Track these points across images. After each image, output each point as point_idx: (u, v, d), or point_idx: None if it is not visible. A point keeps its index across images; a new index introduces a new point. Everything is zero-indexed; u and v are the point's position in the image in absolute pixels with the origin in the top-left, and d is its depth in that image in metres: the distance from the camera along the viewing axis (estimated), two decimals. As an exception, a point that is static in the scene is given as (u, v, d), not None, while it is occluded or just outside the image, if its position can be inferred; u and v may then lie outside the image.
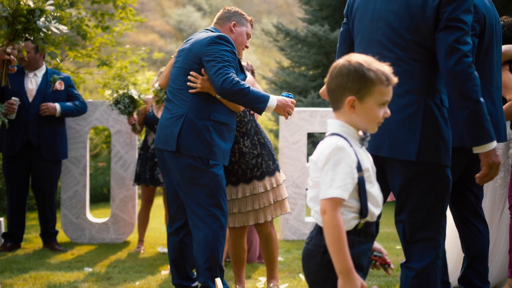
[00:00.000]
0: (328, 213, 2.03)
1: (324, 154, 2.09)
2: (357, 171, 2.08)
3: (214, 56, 3.66)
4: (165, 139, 3.78)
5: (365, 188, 2.11)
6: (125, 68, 9.91)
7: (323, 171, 2.08)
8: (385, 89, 2.10)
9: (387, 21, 2.81)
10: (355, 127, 2.15)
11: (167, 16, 28.43)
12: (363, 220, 2.13)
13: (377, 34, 2.84)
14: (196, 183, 3.72)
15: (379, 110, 2.12)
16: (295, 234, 6.42)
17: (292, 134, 6.41)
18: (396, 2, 2.80)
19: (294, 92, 11.73)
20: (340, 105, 2.15)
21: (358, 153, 2.11)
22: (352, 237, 2.12)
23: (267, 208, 4.10)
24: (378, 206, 2.17)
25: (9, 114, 5.58)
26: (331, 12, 11.74)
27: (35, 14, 3.15)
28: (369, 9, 2.90)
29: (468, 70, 2.65)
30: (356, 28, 2.97)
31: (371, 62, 2.12)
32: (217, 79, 3.58)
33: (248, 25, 4.06)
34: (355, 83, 2.09)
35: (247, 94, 3.58)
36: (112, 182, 6.35)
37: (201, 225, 3.72)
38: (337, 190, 2.03)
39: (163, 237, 6.58)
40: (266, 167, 4.11)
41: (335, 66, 2.16)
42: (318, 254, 2.15)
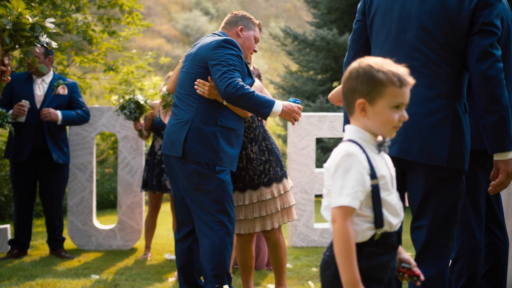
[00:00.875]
0: (338, 222, 1.98)
1: (335, 161, 2.05)
2: (370, 179, 2.03)
3: (219, 60, 3.67)
4: (171, 145, 3.79)
5: (380, 196, 2.05)
6: (132, 73, 9.95)
7: (333, 179, 2.04)
8: (398, 90, 2.03)
9: (420, 21, 2.78)
10: (370, 132, 2.09)
11: (174, 20, 28.51)
12: (380, 231, 2.06)
13: (408, 34, 2.81)
14: (203, 189, 3.72)
15: (393, 113, 2.05)
16: (304, 240, 6.42)
17: (300, 139, 6.42)
18: (429, 3, 2.77)
19: (302, 97, 11.73)
20: (353, 109, 2.10)
21: (372, 160, 2.06)
22: (369, 249, 2.06)
23: (274, 215, 4.09)
24: (397, 215, 2.10)
25: (19, 117, 5.62)
26: (340, 16, 11.74)
27: (36, 30, 3.18)
28: (396, 7, 2.86)
29: (500, 75, 2.67)
30: (378, 25, 2.93)
31: (383, 63, 2.06)
32: (221, 83, 3.59)
33: (256, 29, 4.07)
34: (364, 85, 2.04)
35: (251, 99, 3.58)
36: (119, 188, 6.37)
37: (207, 231, 3.72)
38: (346, 198, 1.98)
39: (170, 244, 6.59)
40: (274, 173, 4.11)
41: (347, 70, 2.13)
42: (332, 265, 2.08)
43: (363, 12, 3.04)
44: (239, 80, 3.59)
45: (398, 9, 2.86)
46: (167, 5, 29.92)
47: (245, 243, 4.24)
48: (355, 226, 2.03)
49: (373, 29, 2.97)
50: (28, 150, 5.75)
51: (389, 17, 2.89)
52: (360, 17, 3.06)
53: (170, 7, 29.81)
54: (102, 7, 8.94)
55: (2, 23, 3.10)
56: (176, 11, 29.43)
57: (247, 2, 30.97)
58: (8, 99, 5.78)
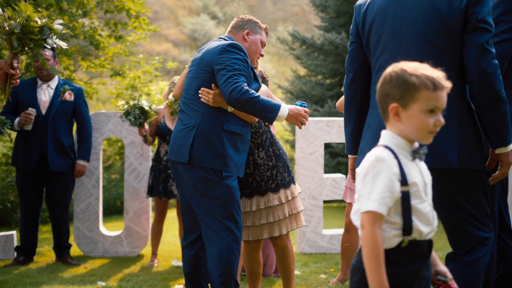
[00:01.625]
0: (366, 227, 1.98)
1: (365, 166, 2.05)
2: (400, 185, 2.02)
3: (224, 64, 3.67)
4: (177, 151, 3.80)
5: (410, 203, 2.04)
6: (139, 78, 9.99)
7: (363, 184, 2.04)
8: (432, 94, 2.02)
9: (414, 29, 2.81)
10: (405, 138, 2.08)
11: (181, 25, 28.59)
12: (408, 238, 2.05)
13: (404, 44, 2.84)
14: (209, 195, 3.73)
15: (428, 118, 2.04)
16: (312, 247, 6.41)
17: (308, 144, 6.41)
18: (420, 9, 2.80)
19: (310, 101, 11.72)
20: (387, 115, 2.10)
21: (404, 166, 2.05)
22: (396, 256, 2.05)
23: (282, 221, 4.09)
24: (428, 223, 2.08)
25: (26, 125, 5.65)
26: (348, 20, 11.73)
27: (45, 32, 3.20)
28: (388, 20, 2.90)
29: (498, 71, 2.71)
30: (373, 42, 2.97)
31: (417, 67, 2.06)
32: (226, 88, 3.59)
33: (263, 33, 4.08)
34: (396, 90, 2.05)
35: (256, 103, 3.58)
36: (126, 194, 6.39)
37: (214, 238, 3.72)
38: (374, 203, 1.98)
39: (177, 250, 6.59)
40: (281, 179, 4.11)
41: (381, 76, 2.13)
42: (359, 271, 2.09)
43: (357, 34, 3.09)
44: (244, 85, 3.60)
45: (390, 21, 2.90)
46: (174, 9, 30.01)
47: (253, 249, 4.24)
48: (382, 232, 2.03)
49: (369, 46, 3.01)
50: (35, 157, 5.77)
51: (383, 31, 2.92)
52: (354, 39, 3.11)
53: (177, 12, 29.90)
54: (109, 11, 8.98)
55: (11, 26, 3.12)
56: (183, 16, 29.51)
57: (254, 6, 31.03)
58: (13, 106, 5.81)
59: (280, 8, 32.14)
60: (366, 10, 3.02)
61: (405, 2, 2.86)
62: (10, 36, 3.15)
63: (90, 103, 17.97)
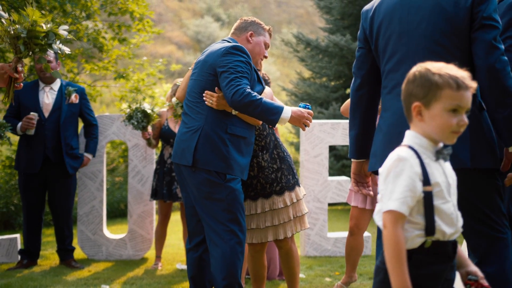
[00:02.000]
0: (388, 227, 1.99)
1: (387, 166, 2.06)
2: (422, 185, 2.03)
3: (227, 67, 3.68)
4: (181, 154, 3.80)
5: (432, 203, 2.04)
6: (142, 81, 10.00)
7: (385, 183, 2.05)
8: (455, 93, 2.02)
9: (420, 30, 2.83)
10: (429, 138, 2.09)
11: (185, 27, 28.64)
12: (431, 239, 2.05)
13: (411, 45, 2.85)
14: (213, 198, 3.73)
15: (450, 118, 2.04)
16: (317, 250, 6.40)
17: (313, 147, 6.41)
18: (426, 9, 2.81)
19: (315, 103, 11.72)
20: (410, 114, 2.11)
21: (427, 166, 2.06)
22: (418, 256, 2.06)
23: (286, 223, 4.09)
24: (452, 224, 2.08)
25: (28, 130, 5.66)
26: (353, 21, 11.74)
27: (50, 37, 3.23)
28: (395, 23, 2.91)
29: (507, 67, 2.71)
30: (382, 46, 2.99)
31: (442, 67, 2.06)
32: (228, 91, 3.60)
33: (266, 35, 4.09)
34: (419, 89, 2.06)
35: (259, 106, 3.58)
36: (129, 197, 6.40)
37: (218, 241, 3.72)
38: (395, 203, 1.99)
39: (181, 254, 6.60)
40: (286, 181, 4.11)
41: (406, 76, 2.15)
42: (382, 271, 2.10)
43: (364, 39, 3.11)
44: (246, 87, 3.60)
45: (397, 24, 2.91)
46: (178, 11, 30.06)
47: (257, 252, 4.24)
48: (405, 233, 2.03)
49: (378, 50, 3.03)
50: (39, 161, 5.78)
51: (390, 34, 2.94)
52: (362, 45, 3.14)
53: (181, 14, 29.95)
54: (112, 14, 9.00)
55: (17, 30, 3.14)
56: (187, 18, 29.55)
57: (259, 8, 31.05)
58: (15, 109, 5.82)
59: (285, 10, 32.17)
60: (373, 14, 3.04)
61: (411, 4, 2.88)
62: (15, 40, 3.17)
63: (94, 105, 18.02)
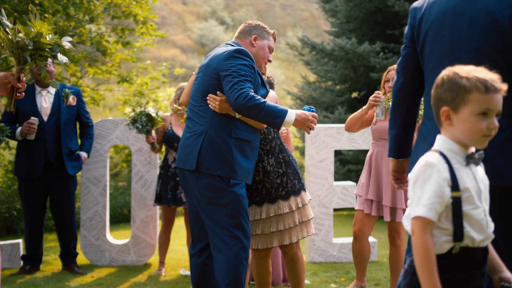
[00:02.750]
0: (416, 233, 2.01)
1: (415, 171, 2.07)
2: (451, 190, 2.03)
3: (230, 71, 3.69)
4: (185, 158, 3.81)
5: (461, 209, 2.04)
6: (146, 85, 10.03)
7: (413, 189, 2.06)
8: (483, 97, 2.01)
9: (472, 42, 2.78)
10: (459, 143, 2.09)
11: (188, 30, 28.69)
12: (460, 244, 2.05)
13: (461, 56, 2.80)
14: (217, 203, 3.74)
15: (480, 121, 2.03)
16: (322, 256, 6.40)
17: (318, 151, 6.41)
18: (480, 22, 2.75)
19: (320, 108, 11.72)
20: (440, 119, 2.12)
21: (457, 171, 2.05)
22: (446, 262, 2.06)
23: (292, 229, 4.09)
24: (481, 231, 2.08)
25: (28, 135, 5.67)
26: (359, 25, 11.74)
27: (54, 49, 3.29)
28: (446, 30, 2.88)
29: None
30: (428, 50, 2.95)
31: (470, 70, 2.06)
32: (231, 95, 3.61)
33: (270, 38, 4.10)
34: (447, 93, 2.06)
35: (262, 109, 3.59)
36: (133, 202, 6.41)
37: (222, 246, 3.72)
38: (422, 209, 2.00)
39: (185, 259, 6.60)
40: (292, 186, 4.11)
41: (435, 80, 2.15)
42: (409, 275, 2.12)
43: (412, 38, 3.07)
44: (250, 91, 3.61)
45: (448, 32, 2.86)
46: (182, 14, 30.13)
47: (262, 258, 4.24)
48: (433, 238, 2.04)
49: (424, 54, 2.99)
50: (41, 166, 5.79)
51: (439, 40, 2.91)
52: (409, 43, 3.09)
53: (185, 17, 30.01)
54: (116, 17, 9.04)
55: (24, 42, 3.19)
56: (191, 21, 29.61)
57: (263, 11, 31.09)
58: (11, 115, 5.81)
59: (290, 13, 32.20)
60: (422, 16, 3.00)
61: (464, 13, 2.83)
62: (20, 51, 3.22)
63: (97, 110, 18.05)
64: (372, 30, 11.46)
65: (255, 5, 31.94)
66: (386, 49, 11.09)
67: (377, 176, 4.71)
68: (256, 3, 32.19)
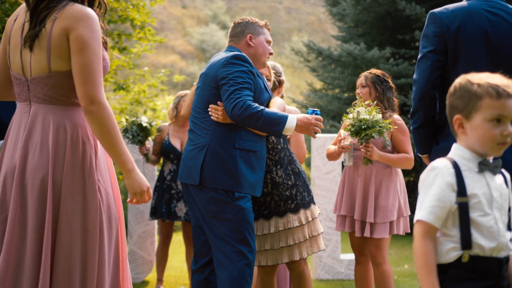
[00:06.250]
0: (416, 237, 2.06)
1: (421, 177, 2.13)
2: (456, 196, 2.06)
3: (227, 79, 3.72)
4: (188, 172, 3.83)
5: (468, 216, 2.06)
6: (144, 92, 10.05)
7: (420, 194, 2.12)
8: (495, 102, 2.04)
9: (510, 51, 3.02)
10: (473, 151, 2.12)
11: (188, 35, 28.77)
12: (469, 253, 2.06)
13: (502, 65, 2.99)
14: (220, 218, 3.75)
15: (493, 128, 2.06)
16: (329, 273, 6.40)
17: (325, 163, 6.42)
18: (510, 25, 2.96)
19: (327, 116, 11.72)
20: (453, 128, 2.15)
21: (465, 177, 2.08)
22: (456, 271, 2.08)
23: (302, 244, 4.08)
24: (492, 239, 2.08)
25: None
26: (368, 29, 11.76)
27: None
28: (480, 41, 3.15)
29: None
30: (462, 63, 3.19)
31: (483, 77, 2.09)
32: (228, 105, 3.64)
33: (265, 31, 4.11)
34: (459, 100, 2.10)
35: (260, 118, 3.60)
36: (130, 216, 6.42)
37: (226, 262, 3.73)
38: (422, 212, 2.05)
39: (184, 276, 6.60)
40: (301, 199, 4.11)
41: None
42: None
43: (441, 50, 3.33)
44: (247, 99, 3.63)
45: (482, 42, 3.10)
46: (182, 18, 30.22)
47: (267, 275, 4.24)
48: (439, 245, 2.08)
49: (457, 65, 3.23)
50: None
51: (475, 57, 3.16)
52: (439, 55, 3.34)
53: (185, 21, 30.10)
54: (112, 22, 9.07)
55: None
56: (191, 25, 29.70)
57: (267, 15, 31.18)
58: None
59: (295, 17, 32.28)
60: (458, 30, 3.26)
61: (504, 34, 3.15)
62: None
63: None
64: (381, 35, 11.47)
65: (258, 9, 32.05)
66: (397, 54, 11.10)
67: (351, 188, 4.57)
68: (259, 6, 32.30)
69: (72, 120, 2.82)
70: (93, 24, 2.76)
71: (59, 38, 2.74)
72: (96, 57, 2.73)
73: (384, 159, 4.35)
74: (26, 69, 2.83)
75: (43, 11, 2.76)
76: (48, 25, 2.75)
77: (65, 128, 2.79)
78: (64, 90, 2.80)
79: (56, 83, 2.79)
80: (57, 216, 2.75)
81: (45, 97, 2.80)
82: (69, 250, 2.74)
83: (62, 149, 2.77)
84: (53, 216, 2.74)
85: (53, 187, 2.74)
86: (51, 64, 2.77)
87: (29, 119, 2.82)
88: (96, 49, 2.74)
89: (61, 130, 2.78)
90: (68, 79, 2.79)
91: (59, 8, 2.77)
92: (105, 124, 2.70)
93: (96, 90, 2.71)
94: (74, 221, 2.76)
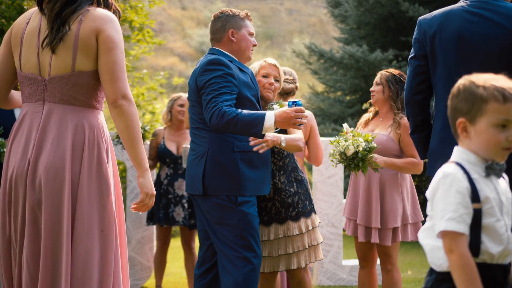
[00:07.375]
0: (455, 251, 1.98)
1: (433, 185, 2.07)
2: (471, 202, 2.02)
3: (204, 87, 3.74)
4: (191, 182, 3.87)
5: (480, 222, 2.03)
6: (142, 96, 10.04)
7: (433, 204, 2.06)
8: (501, 107, 2.01)
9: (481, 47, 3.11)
10: (477, 155, 2.09)
11: (188, 37, 28.79)
12: (476, 260, 2.03)
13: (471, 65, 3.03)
14: (224, 223, 3.77)
15: (498, 133, 2.03)
16: (331, 279, 6.39)
17: (327, 167, 6.41)
18: (493, 24, 3.03)
19: (329, 120, 11.72)
20: (456, 131, 2.12)
21: (476, 182, 2.05)
22: None
23: (301, 252, 4.08)
24: (501, 244, 2.06)
25: None
26: (370, 31, 11.76)
27: None
28: (454, 35, 3.20)
29: None
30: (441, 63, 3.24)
31: (488, 79, 2.06)
32: (206, 116, 3.67)
33: (247, 22, 4.01)
34: (463, 103, 2.06)
35: (237, 123, 3.57)
36: (128, 222, 6.41)
37: (230, 268, 3.74)
38: (451, 223, 1.98)
39: (183, 283, 6.60)
40: (303, 207, 4.12)
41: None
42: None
43: (422, 55, 3.41)
44: (222, 106, 3.61)
45: (455, 47, 3.25)
46: (181, 20, 30.25)
47: (267, 281, 4.24)
48: (444, 253, 2.03)
49: (436, 67, 3.36)
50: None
51: (449, 57, 3.27)
52: (419, 55, 3.45)
53: (184, 23, 30.12)
54: (110, 23, 9.06)
55: None
56: (190, 27, 29.72)
57: (268, 17, 31.20)
58: None
59: (296, 18, 32.30)
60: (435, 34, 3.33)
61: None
62: None
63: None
64: (384, 37, 11.47)
65: (259, 10, 32.07)
66: (400, 57, 11.10)
67: (354, 192, 4.59)
68: (260, 7, 32.31)
69: (89, 121, 2.93)
70: (118, 26, 2.94)
71: (87, 37, 2.88)
72: (123, 56, 2.90)
73: (390, 165, 4.34)
74: (44, 70, 2.93)
75: (68, 15, 2.90)
76: (74, 26, 2.89)
77: (83, 128, 2.90)
78: (84, 90, 2.92)
79: (78, 82, 2.91)
80: (73, 216, 2.84)
81: (64, 96, 2.90)
82: (85, 249, 2.83)
83: (80, 148, 2.87)
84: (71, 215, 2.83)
85: (71, 186, 2.83)
86: (76, 63, 2.89)
87: (42, 118, 2.91)
88: (123, 49, 2.92)
89: (79, 130, 2.89)
90: (91, 79, 2.92)
91: (83, 12, 2.91)
92: (132, 120, 2.87)
93: (125, 87, 2.88)
94: (91, 221, 2.85)
